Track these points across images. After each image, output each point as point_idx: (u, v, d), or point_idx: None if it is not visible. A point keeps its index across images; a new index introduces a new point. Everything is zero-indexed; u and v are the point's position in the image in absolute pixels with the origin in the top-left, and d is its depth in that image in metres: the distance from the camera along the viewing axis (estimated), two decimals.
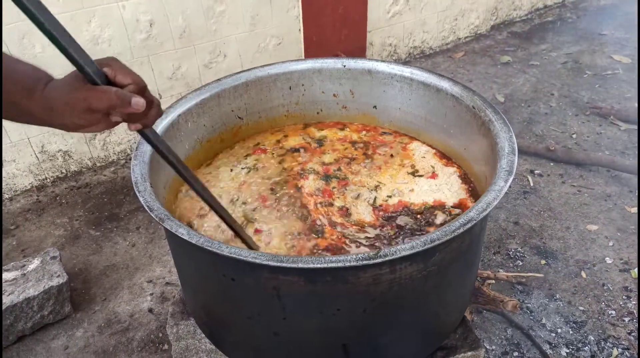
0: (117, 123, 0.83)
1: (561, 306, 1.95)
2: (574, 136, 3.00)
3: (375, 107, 1.83)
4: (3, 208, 2.58)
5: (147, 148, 1.42)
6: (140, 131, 0.90)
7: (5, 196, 2.65)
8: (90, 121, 0.79)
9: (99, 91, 0.77)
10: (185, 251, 1.25)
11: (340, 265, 0.99)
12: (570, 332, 1.85)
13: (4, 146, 2.55)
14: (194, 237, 1.05)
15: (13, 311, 1.84)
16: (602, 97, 3.35)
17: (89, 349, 1.88)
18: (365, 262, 0.99)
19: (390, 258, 1.00)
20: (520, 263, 2.16)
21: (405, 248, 1.02)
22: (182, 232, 1.07)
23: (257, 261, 0.99)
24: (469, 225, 1.07)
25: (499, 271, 1.98)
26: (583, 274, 2.09)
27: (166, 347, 1.88)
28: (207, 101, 1.68)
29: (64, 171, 2.80)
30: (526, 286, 2.04)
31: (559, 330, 1.86)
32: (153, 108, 0.87)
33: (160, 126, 1.54)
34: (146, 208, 1.16)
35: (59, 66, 1.01)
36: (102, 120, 0.80)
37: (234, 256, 1.00)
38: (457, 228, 1.06)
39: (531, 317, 1.91)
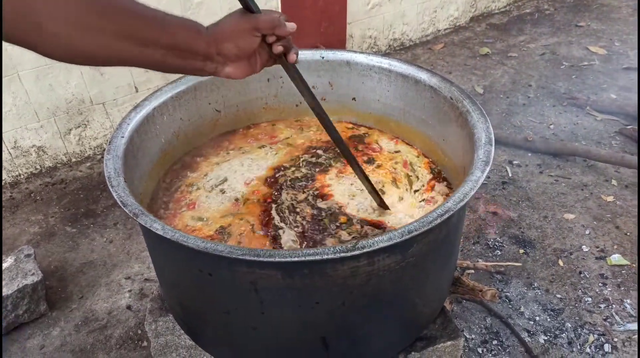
0: (275, 57, 1.01)
1: (539, 295, 1.98)
2: (552, 126, 3.03)
3: (354, 99, 1.82)
4: None
5: (120, 142, 1.40)
6: (282, 59, 1.02)
7: None
8: (249, 46, 0.93)
9: (262, 15, 0.93)
10: (161, 247, 1.23)
11: (317, 257, 0.98)
12: (548, 320, 1.88)
13: None
14: (168, 232, 1.03)
15: None
16: (579, 88, 3.40)
17: (65, 348, 1.84)
18: (342, 254, 0.99)
19: (368, 249, 1.00)
20: (499, 253, 2.18)
21: (383, 239, 1.02)
22: (157, 227, 1.05)
23: (234, 255, 0.98)
24: (446, 216, 1.07)
25: (478, 261, 2.00)
26: (560, 262, 2.13)
27: (145, 343, 1.85)
28: (183, 94, 1.66)
29: (38, 167, 2.73)
30: (505, 275, 2.06)
31: (537, 318, 1.89)
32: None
33: (134, 119, 1.50)
34: (119, 203, 1.14)
35: None
36: (257, 52, 0.97)
37: (209, 251, 0.98)
38: (434, 218, 1.06)
39: (510, 306, 1.94)
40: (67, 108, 2.66)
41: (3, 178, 2.65)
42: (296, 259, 0.97)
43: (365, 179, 1.30)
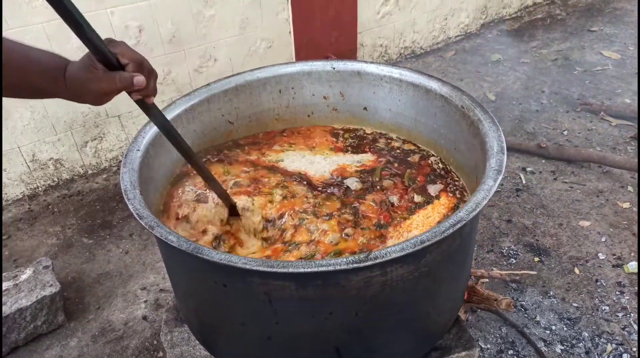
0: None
1: (555, 303, 1.96)
2: (565, 132, 3.01)
3: (365, 109, 1.83)
4: None
5: (136, 155, 1.42)
6: (141, 102, 1.03)
7: None
8: (106, 99, 0.96)
9: (107, 79, 0.92)
10: (176, 258, 1.25)
11: (330, 268, 0.99)
12: (565, 329, 1.86)
13: None
14: (183, 244, 1.05)
15: (5, 322, 1.83)
16: (593, 93, 3.37)
17: None
18: (355, 265, 0.99)
19: (381, 260, 1.00)
20: (514, 261, 2.17)
21: (395, 249, 1.02)
22: (172, 239, 1.07)
23: (248, 266, 0.99)
24: (459, 225, 1.07)
25: (492, 270, 1.99)
26: (576, 270, 2.10)
27: (161, 354, 1.87)
28: (196, 107, 1.68)
29: (55, 179, 2.78)
30: (520, 284, 2.04)
31: (554, 327, 1.87)
32: (151, 79, 1.00)
33: (149, 133, 1.53)
34: (136, 216, 1.16)
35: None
36: (115, 93, 0.97)
37: (224, 262, 1.00)
38: (447, 228, 1.06)
39: (525, 315, 1.92)
40: (84, 121, 2.71)
41: (22, 191, 2.71)
42: (309, 270, 0.98)
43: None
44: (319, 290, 1.07)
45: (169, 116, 1.62)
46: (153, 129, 1.56)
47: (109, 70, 0.92)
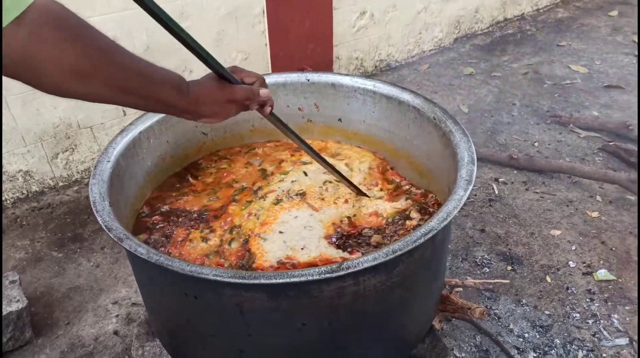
0: (249, 109, 1.10)
1: (527, 311, 1.99)
2: (536, 144, 3.08)
3: (340, 120, 1.85)
4: None
5: (106, 166, 1.40)
6: (271, 113, 1.19)
7: None
8: (228, 110, 1.05)
9: (238, 88, 1.04)
10: (146, 271, 1.23)
11: (302, 279, 0.99)
12: (537, 336, 1.89)
13: None
14: (153, 256, 1.03)
15: None
16: (562, 106, 3.46)
17: None
18: (327, 275, 0.99)
19: (353, 270, 1.01)
20: (487, 270, 2.20)
21: (367, 259, 1.02)
22: (141, 251, 1.05)
23: (219, 278, 0.98)
24: (430, 235, 1.08)
25: (466, 279, 2.01)
26: (548, 279, 2.14)
27: None
28: (169, 118, 1.67)
29: (24, 191, 2.72)
30: (493, 292, 2.07)
31: (526, 335, 1.89)
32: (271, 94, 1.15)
33: (120, 143, 1.51)
34: (104, 228, 1.14)
35: None
36: (236, 109, 1.07)
37: (194, 274, 0.98)
38: (419, 237, 1.07)
39: (499, 323, 1.94)
40: (55, 132, 2.66)
41: None
42: (281, 281, 0.97)
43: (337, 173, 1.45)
44: (292, 301, 1.07)
45: (142, 126, 1.61)
46: (125, 140, 1.54)
47: None
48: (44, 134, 2.63)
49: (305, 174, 1.57)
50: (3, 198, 2.67)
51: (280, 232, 1.33)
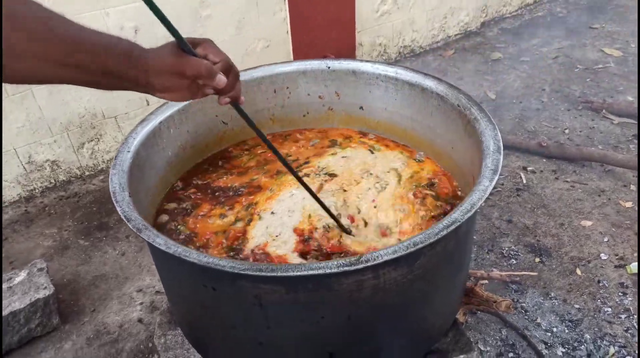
0: (205, 94, 0.95)
1: (556, 305, 1.93)
2: (567, 131, 2.98)
3: (361, 108, 1.81)
4: None
5: (126, 157, 1.40)
6: (233, 104, 1.01)
7: None
8: (178, 85, 0.90)
9: (192, 60, 0.89)
10: (165, 261, 1.22)
11: (320, 272, 0.96)
12: (566, 331, 1.83)
13: None
14: (171, 247, 1.02)
15: None
16: (594, 91, 3.33)
17: None
18: (346, 268, 0.96)
19: (373, 263, 0.98)
20: (514, 262, 2.14)
21: (387, 252, 0.99)
22: (160, 242, 1.04)
23: (236, 270, 0.97)
24: (453, 227, 1.04)
25: (492, 271, 1.96)
26: (578, 271, 2.07)
27: (156, 357, 1.84)
28: (189, 107, 1.66)
29: (52, 181, 2.77)
30: (520, 285, 2.01)
31: (555, 329, 1.84)
32: (239, 82, 0.99)
33: (141, 133, 1.51)
34: (124, 218, 1.14)
35: None
36: (188, 87, 0.91)
37: (211, 266, 0.97)
38: (441, 230, 1.03)
39: (526, 317, 1.89)
40: (80, 122, 2.69)
41: (18, 192, 2.69)
42: (299, 273, 0.95)
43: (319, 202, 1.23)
44: (310, 294, 1.05)
45: (162, 116, 1.60)
46: (145, 130, 1.54)
47: None
48: (70, 124, 2.67)
49: (372, 152, 1.55)
50: (32, 188, 2.72)
51: (272, 213, 1.32)
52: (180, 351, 1.55)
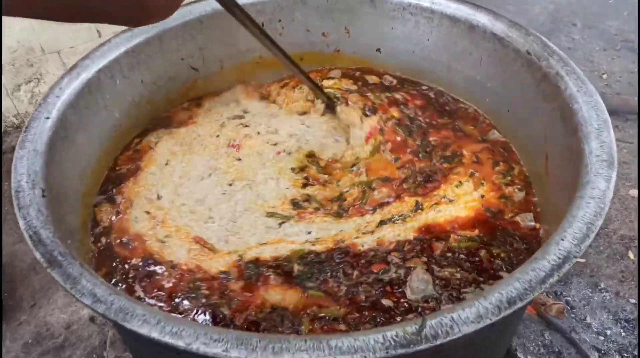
0: None
1: (608, 299, 1.59)
2: (604, 76, 2.57)
3: (379, 50, 1.41)
4: None
5: (44, 126, 0.98)
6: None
7: None
8: None
9: None
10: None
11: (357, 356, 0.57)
12: (622, 334, 1.51)
13: None
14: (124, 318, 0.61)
15: None
16: (633, 27, 2.89)
17: None
18: (400, 351, 0.58)
19: (442, 340, 0.59)
20: None
21: (468, 319, 0.60)
22: (101, 309, 0.63)
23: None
24: (567, 267, 0.66)
25: None
26: (630, 255, 1.73)
27: None
28: (142, 47, 1.24)
29: None
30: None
31: (608, 332, 1.51)
32: None
33: (68, 89, 1.06)
34: (37, 256, 0.72)
35: None
36: None
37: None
38: (546, 275, 0.64)
39: (573, 315, 1.55)
40: (13, 59, 2.17)
41: None
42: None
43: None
44: None
45: (103, 61, 1.17)
46: (76, 83, 1.09)
47: None
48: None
49: None
50: None
51: None
52: None
